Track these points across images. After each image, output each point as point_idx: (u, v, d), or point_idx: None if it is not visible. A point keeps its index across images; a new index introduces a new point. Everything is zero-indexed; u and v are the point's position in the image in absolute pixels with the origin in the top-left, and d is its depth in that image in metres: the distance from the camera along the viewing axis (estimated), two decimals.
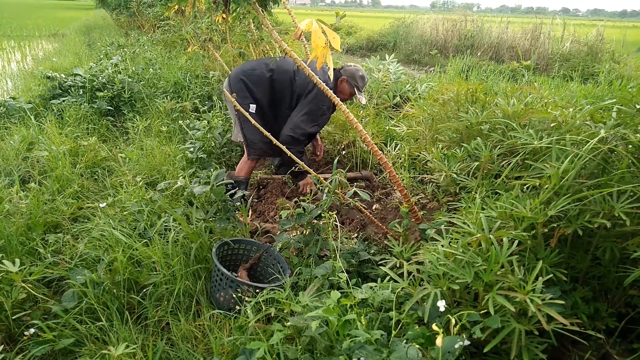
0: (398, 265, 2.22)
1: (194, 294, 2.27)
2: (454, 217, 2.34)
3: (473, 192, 2.37)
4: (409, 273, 1.92)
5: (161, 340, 2.02)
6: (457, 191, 2.61)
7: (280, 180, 3.53)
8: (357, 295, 1.72)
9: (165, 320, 2.12)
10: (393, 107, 5.45)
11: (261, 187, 3.59)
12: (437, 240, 2.27)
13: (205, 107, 4.90)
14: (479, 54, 8.20)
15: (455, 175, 2.53)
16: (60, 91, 5.29)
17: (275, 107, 3.27)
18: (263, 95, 3.22)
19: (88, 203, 3.07)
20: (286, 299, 1.86)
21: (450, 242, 1.87)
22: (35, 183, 3.32)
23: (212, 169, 3.50)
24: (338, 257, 2.11)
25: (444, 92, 3.47)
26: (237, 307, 2.23)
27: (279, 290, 1.87)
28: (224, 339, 1.92)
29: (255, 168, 3.89)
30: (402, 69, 5.86)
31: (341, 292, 1.95)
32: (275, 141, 2.50)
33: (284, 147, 2.52)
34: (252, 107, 3.17)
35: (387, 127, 4.21)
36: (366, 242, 2.64)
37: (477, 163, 2.54)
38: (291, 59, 3.36)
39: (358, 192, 2.27)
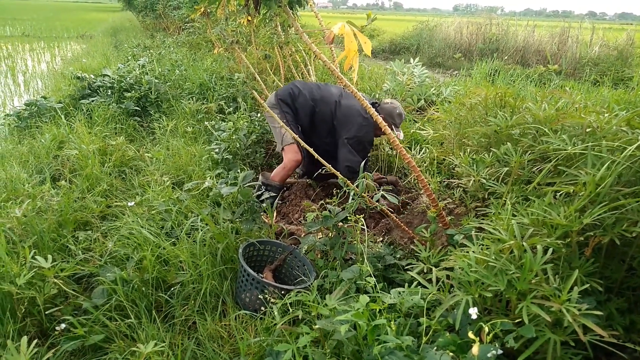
0: (425, 270, 2.20)
1: (220, 294, 2.28)
2: (483, 223, 2.31)
3: (503, 198, 2.33)
4: (438, 279, 1.90)
5: (188, 339, 2.04)
6: (486, 197, 2.57)
7: (304, 183, 3.53)
8: (386, 300, 1.70)
9: (191, 320, 2.14)
10: (417, 111, 5.41)
11: (285, 189, 3.60)
12: (466, 246, 2.24)
13: (230, 108, 4.94)
14: (504, 58, 8.08)
15: (484, 181, 2.49)
16: (89, 91, 5.41)
17: (311, 132, 3.43)
18: (304, 122, 3.40)
19: (116, 202, 3.12)
20: (313, 302, 1.86)
21: (481, 248, 1.84)
22: (65, 181, 3.40)
23: (237, 170, 3.53)
24: (365, 261, 2.09)
25: (471, 96, 3.43)
26: (263, 309, 2.23)
27: (305, 293, 1.87)
28: (251, 339, 1.92)
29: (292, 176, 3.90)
30: (426, 72, 5.81)
31: (369, 297, 1.94)
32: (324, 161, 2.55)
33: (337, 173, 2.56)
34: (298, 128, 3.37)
35: (412, 131, 4.18)
36: (392, 246, 2.62)
37: (506, 168, 2.50)
38: (333, 87, 3.46)
39: (386, 195, 2.25)
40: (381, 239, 2.76)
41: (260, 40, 5.69)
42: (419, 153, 4.06)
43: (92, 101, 5.11)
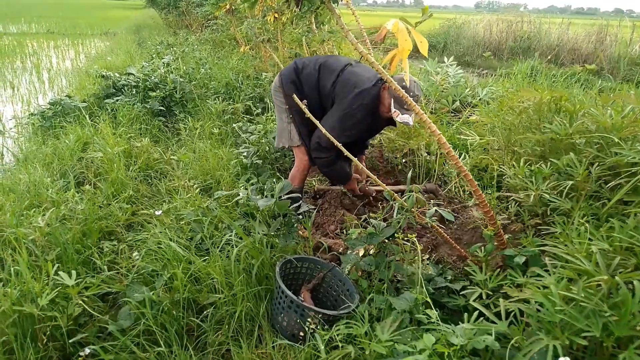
0: (484, 297, 1.98)
1: (256, 317, 2.09)
2: (547, 245, 2.07)
3: (574, 216, 2.09)
4: (507, 311, 1.67)
5: None
6: (548, 212, 2.32)
7: (338, 191, 3.32)
8: (453, 341, 1.48)
9: (225, 346, 1.95)
10: (452, 112, 5.15)
11: (318, 197, 3.40)
12: (528, 270, 2.00)
13: (258, 109, 4.76)
14: (536, 56, 7.75)
15: (546, 196, 2.24)
16: (114, 90, 5.29)
17: (323, 110, 2.94)
18: (312, 97, 2.89)
19: (142, 209, 2.96)
20: (365, 335, 1.65)
21: (559, 279, 1.61)
22: (90, 185, 3.25)
23: (268, 175, 3.34)
24: (421, 286, 1.87)
25: (519, 99, 3.17)
26: (302, 334, 2.04)
27: (355, 325, 1.66)
28: None
29: (310, 175, 3.69)
30: (461, 73, 5.54)
31: (424, 329, 1.72)
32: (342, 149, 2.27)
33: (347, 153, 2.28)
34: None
35: (456, 135, 3.93)
36: (440, 266, 2.40)
37: (571, 182, 2.26)
38: (344, 58, 3.13)
39: (441, 212, 2.03)
40: (427, 256, 2.54)
41: (286, 37, 5.50)
42: (459, 158, 3.81)
43: (117, 100, 4.99)
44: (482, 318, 1.72)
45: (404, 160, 3.71)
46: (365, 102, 2.71)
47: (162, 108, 5.00)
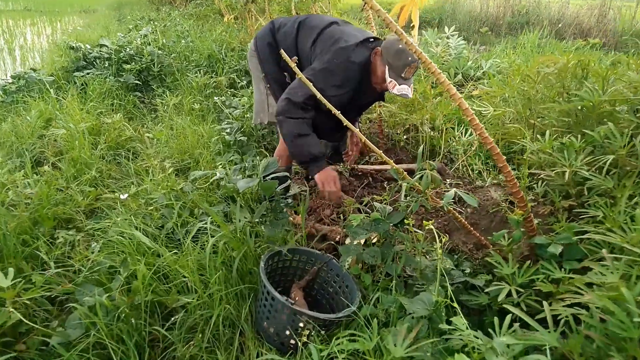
0: (514, 294, 1.63)
1: (237, 321, 1.72)
2: (589, 232, 1.72)
3: (619, 197, 1.73)
4: (554, 318, 1.31)
5: None
6: (583, 192, 1.96)
7: (334, 169, 2.93)
8: None
9: None
10: (455, 86, 4.76)
11: (310, 177, 3.01)
12: (558, 259, 1.66)
13: (243, 82, 4.33)
14: (535, 32, 7.35)
15: (584, 173, 1.88)
16: (84, 63, 4.82)
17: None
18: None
19: (108, 192, 2.55)
20: (374, 352, 1.29)
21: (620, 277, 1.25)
22: (49, 166, 2.84)
23: (253, 154, 2.95)
24: (441, 285, 1.51)
25: (539, 66, 2.79)
26: (293, 342, 1.68)
27: (360, 337, 1.30)
28: None
29: None
30: (463, 44, 5.14)
31: (446, 339, 1.36)
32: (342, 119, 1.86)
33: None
34: (288, 77, 2.51)
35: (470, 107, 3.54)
36: (455, 256, 2.04)
37: (611, 157, 1.89)
38: (328, 17, 2.64)
39: (462, 195, 1.65)
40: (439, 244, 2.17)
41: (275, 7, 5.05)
42: (464, 135, 3.45)
43: (87, 74, 4.53)
44: (516, 323, 1.37)
45: (405, 137, 3.33)
46: (352, 60, 2.21)
47: (138, 82, 4.55)
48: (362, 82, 2.30)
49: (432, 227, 1.61)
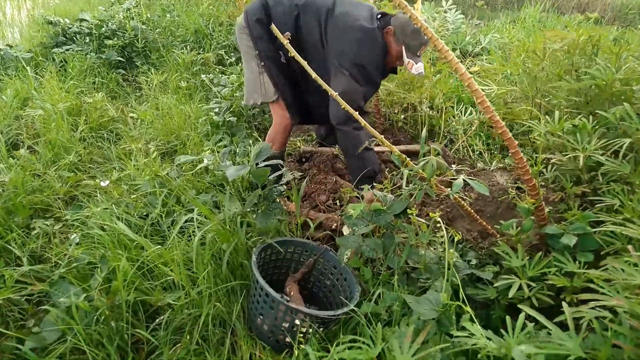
0: (525, 288, 1.53)
1: (228, 320, 1.60)
2: (605, 222, 1.61)
3: (636, 184, 1.62)
4: (573, 320, 1.20)
5: None
6: (596, 178, 1.84)
7: (329, 152, 2.79)
8: None
9: None
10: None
11: (304, 160, 2.87)
12: (571, 251, 1.55)
13: (232, 58, 4.13)
14: (537, 6, 7.13)
15: (599, 158, 1.76)
16: (63, 39, 4.55)
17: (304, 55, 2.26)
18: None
19: (87, 179, 2.39)
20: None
21: None
22: (26, 150, 2.66)
23: (244, 136, 2.79)
24: (444, 284, 1.39)
25: (542, 42, 2.64)
26: (288, 340, 1.57)
27: (364, 345, 1.18)
28: None
29: (293, 134, 3.14)
30: (461, 18, 4.95)
31: (455, 342, 1.25)
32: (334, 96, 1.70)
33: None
34: (283, 57, 2.34)
35: (462, 87, 3.40)
36: (459, 245, 1.92)
37: (628, 140, 1.77)
38: None
39: (473, 184, 1.52)
40: (441, 233, 2.05)
41: None
42: (464, 114, 3.31)
43: (67, 50, 4.28)
44: (530, 323, 1.26)
45: (402, 117, 3.18)
46: (373, 47, 2.20)
47: (121, 59, 4.32)
48: (382, 63, 2.28)
49: (438, 219, 1.48)
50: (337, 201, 2.30)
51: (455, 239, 1.43)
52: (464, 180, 1.50)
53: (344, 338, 1.26)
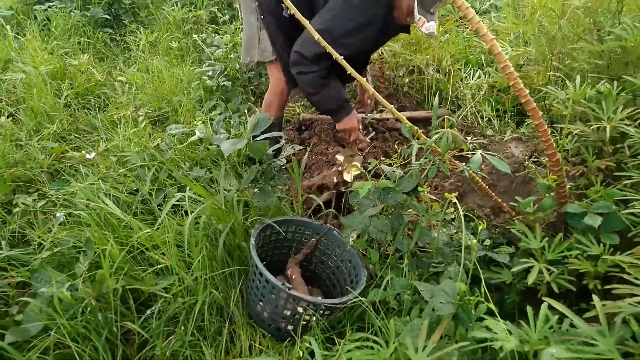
0: (544, 272, 1.42)
1: (226, 307, 1.50)
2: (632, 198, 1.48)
3: None
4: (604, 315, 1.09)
5: None
6: (621, 150, 1.70)
7: (330, 120, 2.62)
8: None
9: (181, 357, 1.37)
10: (457, 21, 4.34)
11: (303, 128, 2.70)
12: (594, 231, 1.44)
13: (226, 16, 3.87)
14: None
15: (627, 128, 1.61)
16: None
17: (310, 11, 2.03)
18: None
19: (72, 150, 2.23)
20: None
21: None
22: (5, 117, 2.49)
23: (239, 102, 2.61)
24: (460, 272, 1.27)
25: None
26: (291, 328, 1.47)
27: (377, 348, 1.07)
28: None
29: (291, 100, 2.95)
30: None
31: (472, 338, 1.15)
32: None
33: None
34: (285, 10, 2.13)
35: (469, 47, 3.20)
36: (470, 223, 1.80)
37: None
38: None
39: (494, 161, 1.38)
40: (451, 209, 1.93)
41: None
42: (473, 77, 3.13)
43: (50, 7, 4.01)
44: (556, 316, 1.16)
45: (408, 80, 2.99)
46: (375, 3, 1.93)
47: (107, 17, 4.06)
48: (385, 18, 1.99)
49: (455, 199, 1.35)
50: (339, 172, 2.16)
51: (480, 228, 1.28)
52: (502, 163, 1.35)
53: (351, 335, 1.15)
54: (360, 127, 2.13)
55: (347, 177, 2.04)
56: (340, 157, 2.07)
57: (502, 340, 1.00)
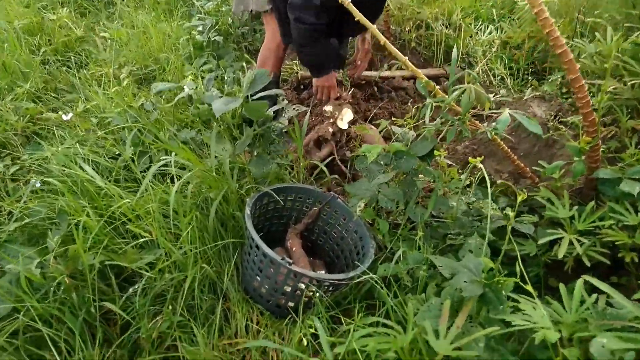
0: (575, 244, 1.28)
1: (219, 282, 1.35)
2: None
3: None
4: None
5: None
6: None
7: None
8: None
9: (168, 341, 1.22)
10: None
11: (302, 87, 2.50)
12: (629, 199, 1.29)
13: None
14: None
15: None
16: None
17: None
18: None
19: (49, 111, 2.04)
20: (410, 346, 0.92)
21: None
22: None
23: (232, 59, 2.40)
24: (484, 246, 1.12)
25: None
26: (291, 304, 1.33)
27: (394, 335, 0.92)
28: None
29: (288, 57, 2.72)
30: None
31: (497, 319, 1.00)
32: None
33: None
34: None
35: None
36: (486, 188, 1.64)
37: None
38: None
39: (523, 121, 1.20)
40: (466, 174, 1.76)
41: None
42: (484, 33, 2.92)
43: None
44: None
45: (415, 36, 2.77)
46: None
47: None
48: None
49: (480, 165, 1.18)
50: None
51: (520, 199, 1.12)
52: (532, 123, 1.17)
53: (361, 320, 1.00)
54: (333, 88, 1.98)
55: (342, 124, 1.91)
56: (328, 108, 1.93)
57: (542, 327, 0.86)
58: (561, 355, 0.88)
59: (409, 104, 2.33)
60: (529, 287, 0.93)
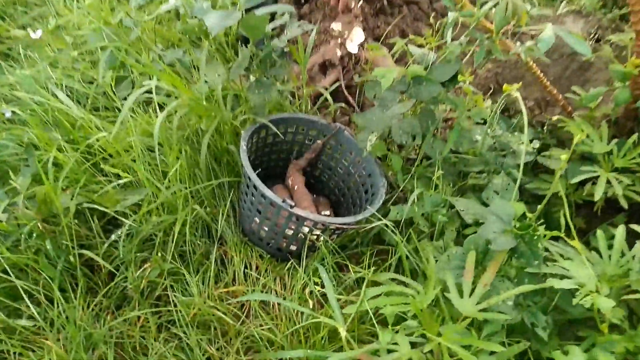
0: (615, 184, 1.14)
1: (213, 223, 1.22)
2: None
3: None
4: None
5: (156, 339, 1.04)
6: None
7: None
8: None
9: (159, 290, 1.12)
10: None
11: (302, 1, 2.22)
12: None
13: None
14: None
15: None
16: None
17: None
18: None
19: (15, 28, 1.79)
20: (428, 308, 0.81)
21: None
22: None
23: None
24: (514, 190, 0.97)
25: None
26: (294, 247, 1.22)
27: (413, 295, 0.80)
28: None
29: None
30: None
31: (528, 273, 0.88)
32: None
33: None
34: None
35: None
36: (512, 120, 1.47)
37: None
38: None
39: (569, 40, 1.00)
40: (488, 101, 1.57)
41: None
42: None
43: None
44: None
45: None
46: None
47: None
48: None
49: (515, 93, 1.01)
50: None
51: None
52: (579, 43, 0.97)
53: (374, 289, 0.87)
54: None
55: (352, 47, 1.69)
56: (336, 26, 1.70)
57: (590, 291, 0.73)
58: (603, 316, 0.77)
59: (423, 22, 2.08)
60: (576, 243, 0.79)
